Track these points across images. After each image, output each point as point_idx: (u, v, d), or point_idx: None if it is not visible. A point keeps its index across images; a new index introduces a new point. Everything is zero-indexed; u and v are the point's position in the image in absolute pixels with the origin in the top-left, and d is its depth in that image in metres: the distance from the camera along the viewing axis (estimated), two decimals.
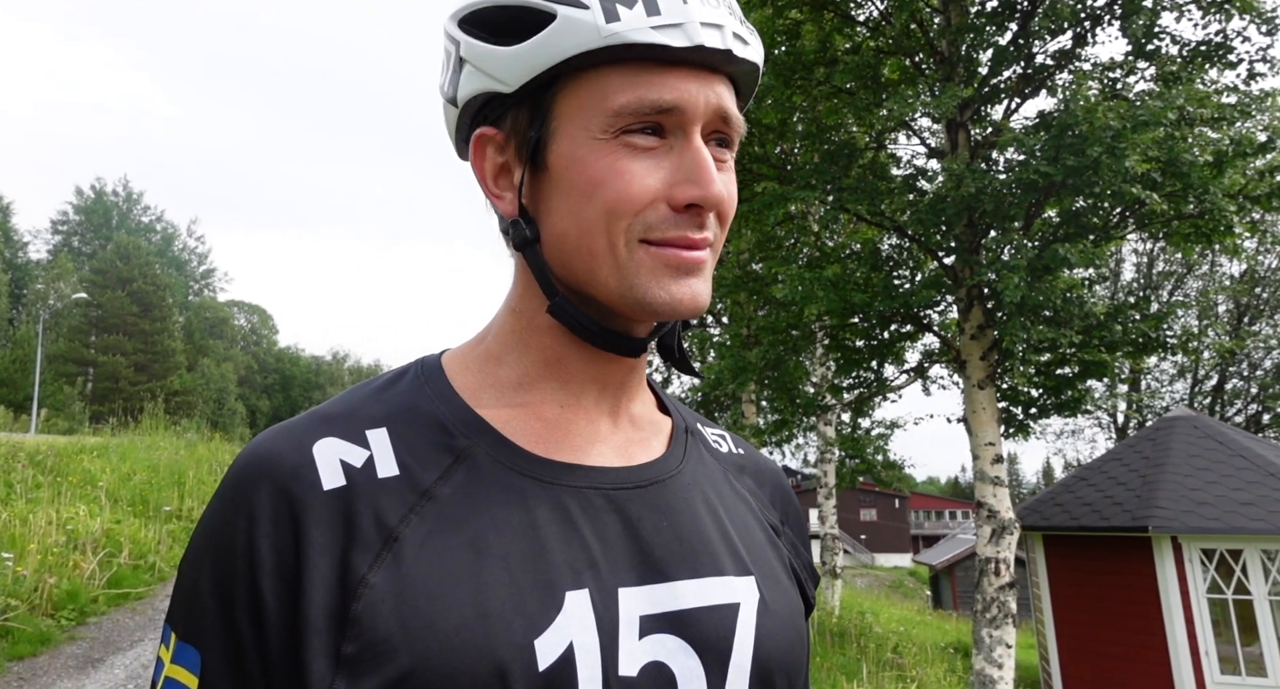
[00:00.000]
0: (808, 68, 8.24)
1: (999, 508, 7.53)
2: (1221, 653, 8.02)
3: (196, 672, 0.54)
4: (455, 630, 0.51)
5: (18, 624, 5.75)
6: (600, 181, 0.59)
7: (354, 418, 0.60)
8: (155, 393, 34.84)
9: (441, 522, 0.56)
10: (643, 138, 0.59)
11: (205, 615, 0.55)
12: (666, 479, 0.66)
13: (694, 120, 0.59)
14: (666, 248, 0.59)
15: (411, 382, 0.65)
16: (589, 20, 0.57)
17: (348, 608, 0.52)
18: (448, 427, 0.61)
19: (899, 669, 9.30)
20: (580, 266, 0.61)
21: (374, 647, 0.51)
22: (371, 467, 0.57)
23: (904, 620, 16.17)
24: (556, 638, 0.53)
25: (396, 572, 0.53)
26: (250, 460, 0.58)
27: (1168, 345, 7.84)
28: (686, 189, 0.58)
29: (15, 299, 50.62)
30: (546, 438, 0.63)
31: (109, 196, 60.88)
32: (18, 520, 7.38)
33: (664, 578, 0.60)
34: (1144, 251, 23.08)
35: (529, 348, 0.66)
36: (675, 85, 0.58)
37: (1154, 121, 6.20)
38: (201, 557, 0.57)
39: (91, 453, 11.14)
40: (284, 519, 0.54)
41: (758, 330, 10.32)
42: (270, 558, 0.53)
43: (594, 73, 0.59)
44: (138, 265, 46.32)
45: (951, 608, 27.44)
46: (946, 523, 56.94)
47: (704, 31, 0.58)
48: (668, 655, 0.57)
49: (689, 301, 0.60)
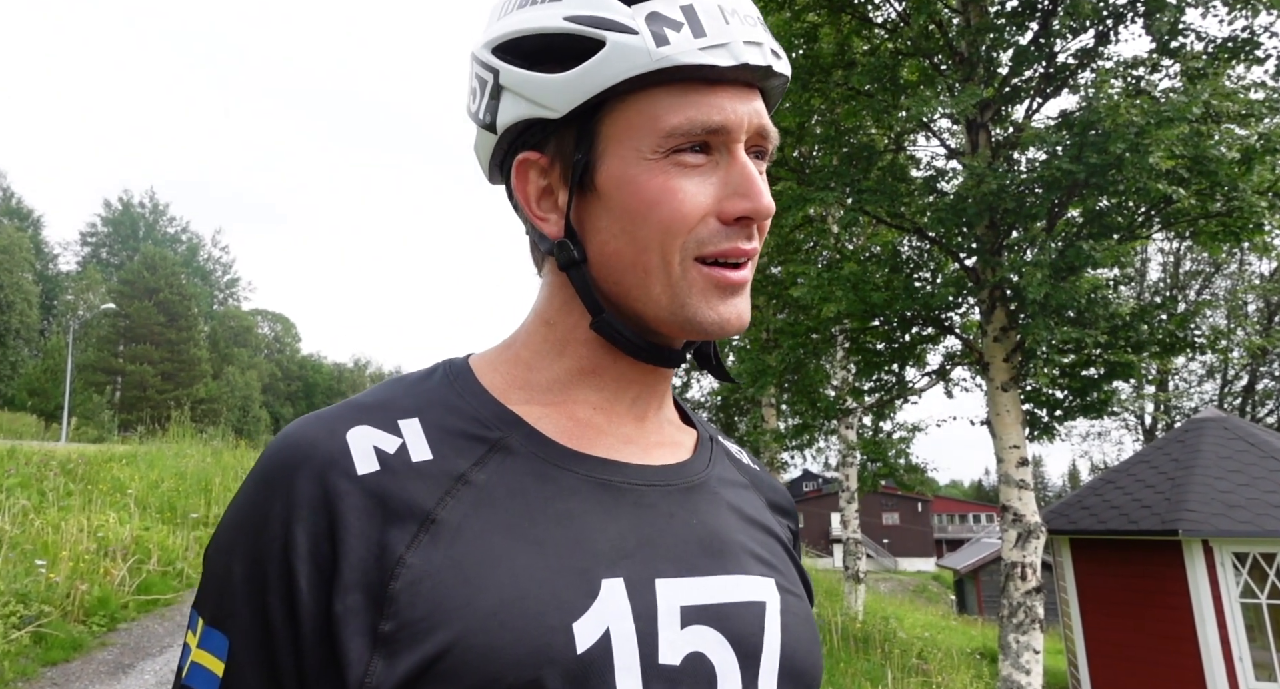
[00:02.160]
0: (826, 70, 8.22)
1: (1024, 512, 7.43)
2: (1256, 658, 7.85)
3: (223, 657, 0.55)
4: (493, 611, 0.52)
5: (51, 630, 5.85)
6: (655, 201, 0.61)
7: (386, 408, 0.61)
8: (181, 401, 35.39)
9: (478, 506, 0.57)
10: (692, 156, 0.61)
11: (235, 601, 0.55)
12: (694, 482, 0.67)
13: (739, 137, 0.61)
14: (716, 268, 0.62)
15: (441, 379, 0.66)
16: (639, 45, 0.59)
17: (385, 587, 0.52)
18: (480, 419, 0.62)
19: (924, 675, 9.21)
20: (633, 283, 0.63)
21: (412, 625, 0.51)
22: (405, 453, 0.58)
23: (928, 625, 15.99)
24: (594, 623, 0.54)
25: (434, 552, 0.54)
26: (285, 447, 0.58)
27: (1195, 345, 7.72)
28: (737, 202, 0.61)
29: (46, 310, 51.61)
30: (578, 435, 0.64)
31: (136, 208, 62.03)
32: (50, 528, 7.51)
33: (697, 572, 0.61)
34: (1170, 251, 22.75)
35: (563, 357, 0.67)
36: (722, 105, 0.61)
37: (1178, 117, 6.11)
38: (233, 542, 0.57)
39: (120, 461, 11.31)
40: (320, 505, 0.55)
41: (777, 334, 10.29)
42: (306, 543, 0.54)
43: (642, 95, 0.61)
44: (164, 275, 47.12)
45: (976, 613, 27.11)
46: (970, 527, 56.31)
47: (747, 50, 0.60)
48: (707, 647, 0.58)
49: (735, 321, 0.63)
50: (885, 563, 46.15)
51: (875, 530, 48.51)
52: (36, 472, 9.47)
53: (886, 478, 12.73)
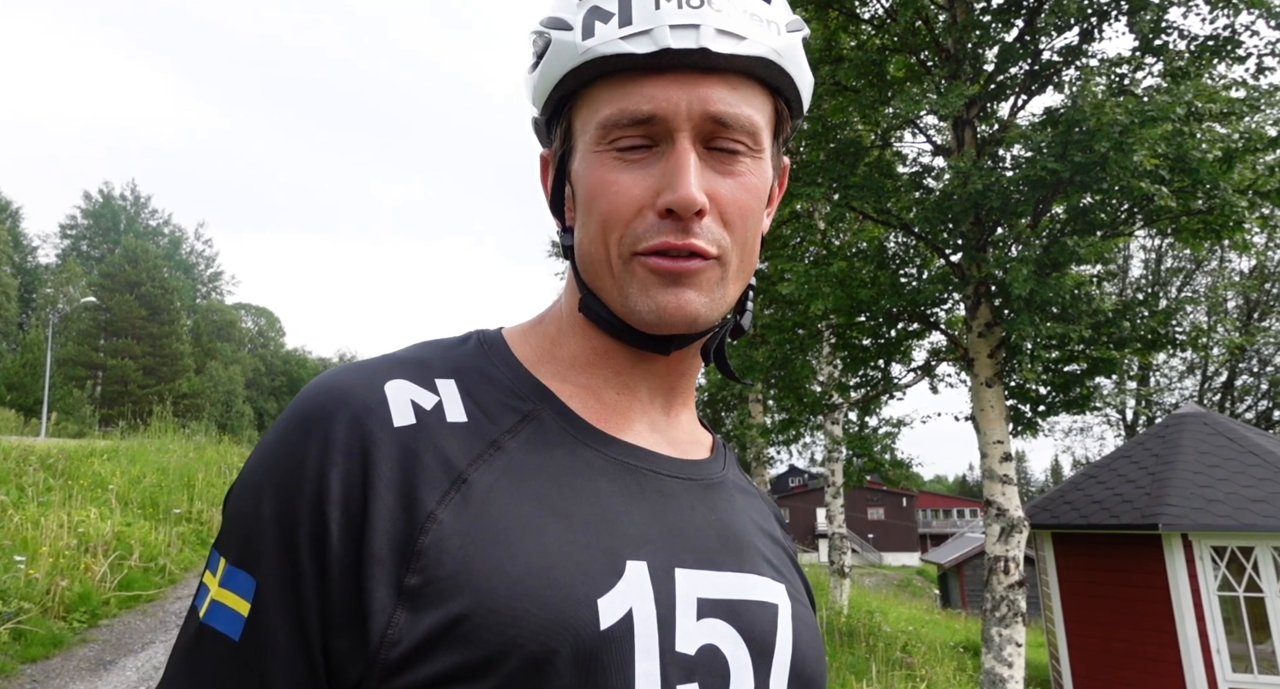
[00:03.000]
0: (813, 66, 8.22)
1: (1008, 506, 7.50)
2: (1233, 651, 7.97)
3: (249, 598, 0.54)
4: (521, 577, 0.51)
5: (30, 626, 5.78)
6: (595, 195, 0.61)
7: (425, 365, 0.62)
8: (164, 396, 35.07)
9: (510, 472, 0.57)
10: (631, 148, 0.60)
11: (264, 541, 0.54)
12: (714, 480, 0.68)
13: (678, 127, 0.59)
14: (652, 257, 0.59)
15: (476, 347, 0.66)
16: (570, 40, 0.60)
17: (414, 540, 0.52)
18: (514, 389, 0.63)
19: (908, 668, 9.28)
20: (594, 274, 0.64)
21: (438, 582, 0.51)
22: (441, 410, 0.58)
23: (913, 619, 16.12)
24: (618, 601, 0.53)
25: (465, 511, 0.53)
26: (323, 391, 0.58)
27: (1177, 341, 7.80)
28: (665, 195, 0.58)
29: (25, 303, 50.94)
30: (607, 418, 0.65)
31: (117, 201, 61.22)
32: (29, 524, 7.41)
33: (716, 566, 0.61)
34: (1152, 248, 22.96)
35: (578, 335, 0.68)
36: (653, 94, 0.58)
37: (1162, 117, 6.16)
38: (263, 483, 0.56)
39: (101, 456, 11.18)
40: (355, 451, 0.54)
41: (764, 329, 10.32)
42: (339, 488, 0.53)
43: (591, 89, 0.61)
44: (146, 269, 46.57)
45: (960, 607, 27.35)
46: (954, 521, 56.78)
47: (673, 34, 0.57)
48: (721, 641, 0.58)
49: (674, 311, 0.60)
50: (870, 557, 46.46)
51: (860, 525, 48.82)
52: (15, 467, 9.35)
53: (872, 473, 12.79)
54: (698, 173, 0.59)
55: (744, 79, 0.61)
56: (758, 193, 0.63)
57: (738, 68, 0.60)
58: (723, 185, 0.60)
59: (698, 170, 0.59)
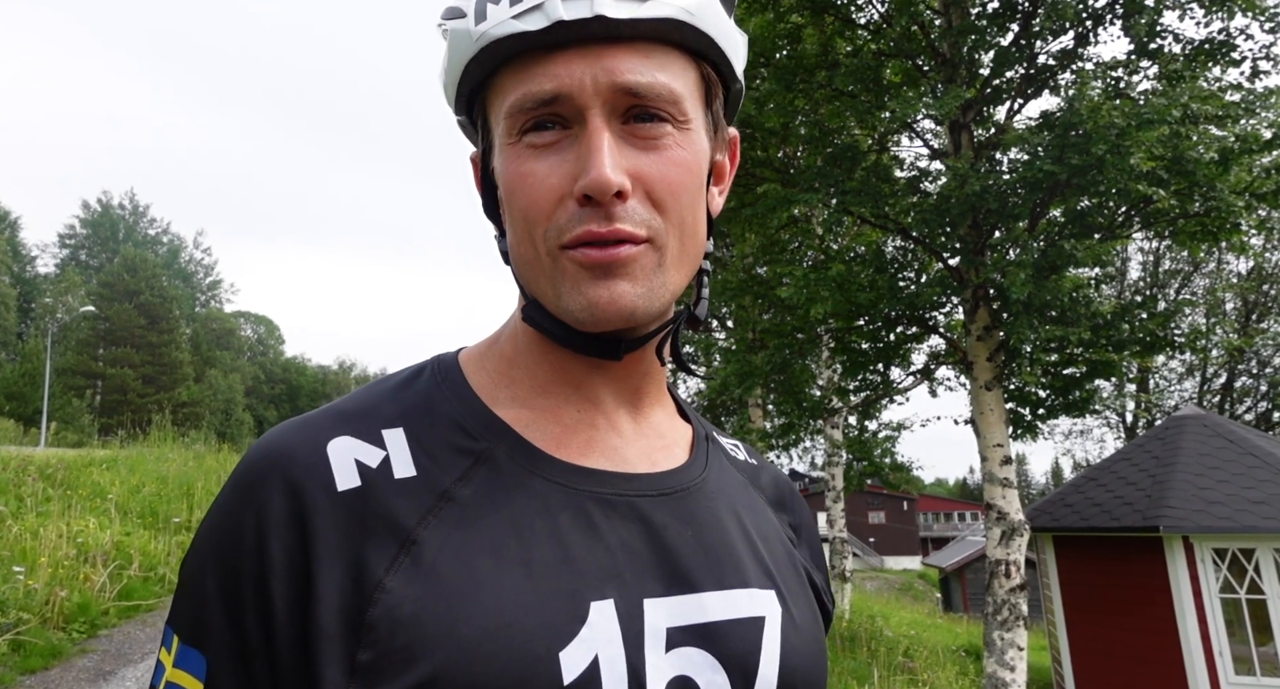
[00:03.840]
0: (809, 71, 8.25)
1: (1008, 509, 7.49)
2: (1235, 653, 7.95)
3: (202, 677, 0.52)
4: (478, 640, 0.49)
5: (29, 637, 5.77)
6: (512, 190, 0.57)
7: (370, 416, 0.58)
8: (163, 404, 35.05)
9: (461, 524, 0.53)
10: (539, 134, 0.55)
11: (211, 618, 0.52)
12: (690, 487, 0.64)
13: (587, 105, 0.54)
14: (578, 248, 0.54)
15: (428, 380, 0.63)
16: (465, 27, 0.56)
17: (363, 613, 0.49)
18: (466, 428, 0.59)
19: (910, 673, 9.26)
20: (529, 277, 0.59)
21: (391, 655, 0.48)
22: (388, 467, 0.55)
23: (914, 623, 16.09)
24: (581, 650, 0.51)
25: (415, 575, 0.50)
26: (262, 456, 0.55)
27: (1175, 344, 7.81)
28: (580, 180, 0.53)
29: (24, 313, 50.94)
30: (566, 442, 0.61)
31: (116, 210, 61.28)
32: (28, 534, 7.40)
33: (690, 588, 0.58)
34: (1150, 250, 23.01)
35: (535, 351, 0.63)
36: (554, 72, 0.54)
37: (1158, 120, 6.18)
38: (206, 556, 0.54)
39: (101, 465, 11.16)
40: (295, 519, 0.52)
41: (763, 334, 10.33)
42: (281, 559, 0.51)
43: (495, 79, 0.57)
44: (145, 278, 46.59)
45: (962, 610, 27.29)
46: (955, 525, 56.72)
47: (565, 6, 0.52)
48: (694, 670, 0.55)
49: (606, 304, 0.54)
50: (871, 561, 46.37)
51: (861, 529, 48.75)
52: (14, 477, 9.33)
53: (872, 477, 12.81)
54: (613, 151, 0.53)
55: (655, 45, 0.55)
56: (689, 167, 0.57)
57: (644, 33, 0.54)
58: (646, 162, 0.55)
59: (613, 149, 0.53)
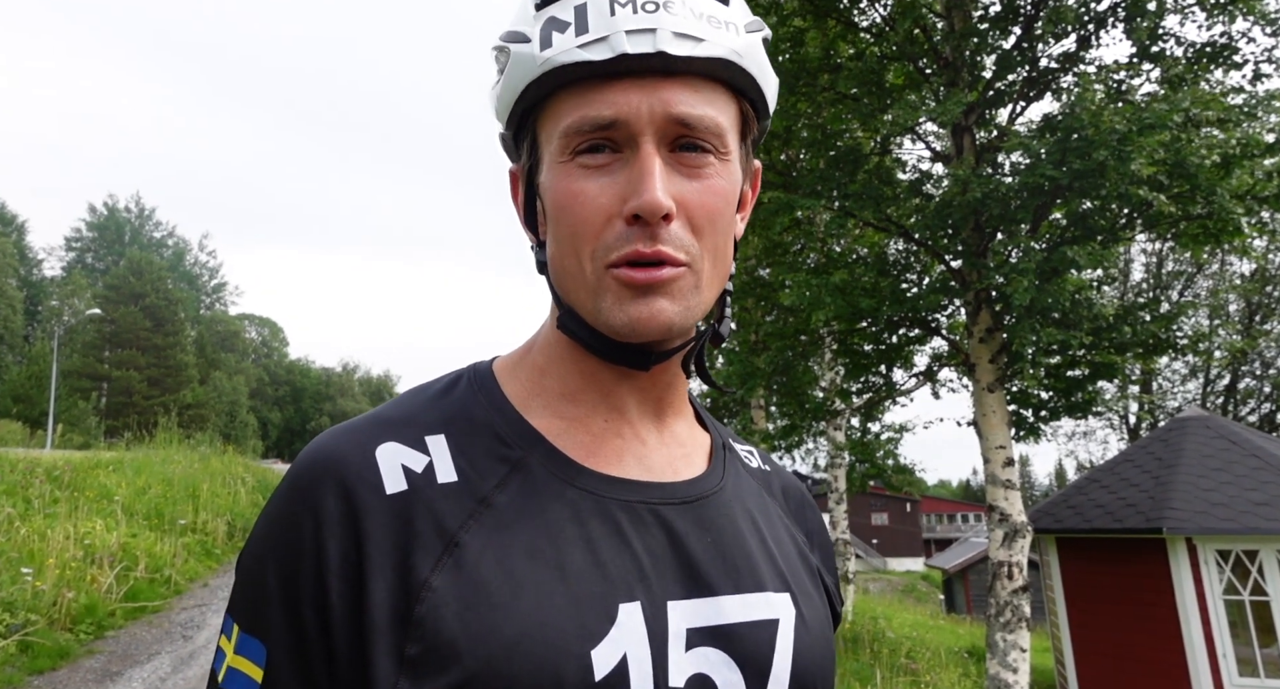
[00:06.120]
0: (812, 75, 8.28)
1: (1011, 511, 7.50)
2: (1239, 655, 7.94)
3: (262, 664, 0.56)
4: (517, 638, 0.53)
5: (37, 638, 5.81)
6: (563, 206, 0.61)
7: (413, 423, 0.62)
8: (168, 407, 35.09)
9: (500, 529, 0.58)
10: (593, 156, 0.60)
11: (271, 610, 0.56)
12: (710, 496, 0.68)
13: (640, 131, 0.58)
14: (623, 269, 0.59)
15: (466, 388, 0.67)
16: (529, 52, 0.60)
17: (411, 610, 0.53)
18: (502, 436, 0.63)
19: (913, 674, 9.26)
20: (569, 288, 0.63)
21: (437, 650, 0.52)
22: (431, 472, 0.59)
23: (917, 625, 16.08)
24: (611, 649, 0.55)
25: (458, 576, 0.55)
26: (315, 460, 0.59)
27: (1178, 346, 7.81)
28: (631, 201, 0.58)
29: (30, 316, 51.12)
30: (595, 451, 0.65)
31: (121, 213, 61.54)
32: (36, 535, 7.45)
33: (709, 592, 0.62)
34: (1153, 252, 22.95)
35: (567, 360, 0.67)
36: (613, 99, 0.58)
37: (1160, 124, 6.19)
38: (266, 552, 0.58)
39: (107, 467, 11.22)
40: (349, 520, 0.56)
41: (766, 336, 10.34)
42: (337, 557, 0.55)
43: (553, 100, 0.62)
44: (150, 280, 46.76)
45: (965, 612, 27.23)
46: (958, 526, 56.55)
47: (629, 39, 0.57)
48: (711, 668, 0.59)
49: (647, 321, 0.59)
50: (874, 563, 46.29)
51: (864, 531, 48.66)
52: (22, 479, 9.39)
53: (875, 478, 12.80)
54: (663, 177, 0.58)
55: (705, 81, 0.61)
56: (726, 196, 0.62)
57: (698, 70, 0.60)
58: (690, 189, 0.60)
59: (663, 174, 0.58)
